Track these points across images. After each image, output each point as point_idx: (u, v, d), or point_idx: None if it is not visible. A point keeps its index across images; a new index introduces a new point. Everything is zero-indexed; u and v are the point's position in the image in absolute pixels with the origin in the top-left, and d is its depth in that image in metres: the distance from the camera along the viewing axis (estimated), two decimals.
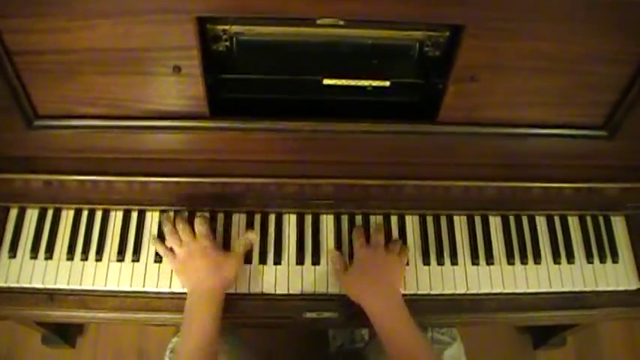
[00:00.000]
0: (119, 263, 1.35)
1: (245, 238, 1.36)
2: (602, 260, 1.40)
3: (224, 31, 1.15)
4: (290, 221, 1.41)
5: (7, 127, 1.23)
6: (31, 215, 1.39)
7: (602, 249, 1.41)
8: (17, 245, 1.36)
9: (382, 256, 1.32)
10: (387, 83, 1.25)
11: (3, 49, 1.09)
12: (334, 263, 1.34)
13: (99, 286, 1.33)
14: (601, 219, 1.44)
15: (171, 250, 1.34)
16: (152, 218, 1.40)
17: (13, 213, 1.39)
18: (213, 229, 1.38)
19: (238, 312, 1.33)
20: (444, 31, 1.15)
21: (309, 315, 1.33)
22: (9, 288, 1.33)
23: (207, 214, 1.39)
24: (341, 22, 1.12)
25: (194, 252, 1.30)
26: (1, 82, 1.13)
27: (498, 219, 1.43)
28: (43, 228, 1.38)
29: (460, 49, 1.11)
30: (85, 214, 1.39)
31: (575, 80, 1.19)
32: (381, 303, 1.24)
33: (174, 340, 1.46)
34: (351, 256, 1.37)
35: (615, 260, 1.40)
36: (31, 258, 1.35)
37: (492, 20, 1.05)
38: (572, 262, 1.40)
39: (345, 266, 1.33)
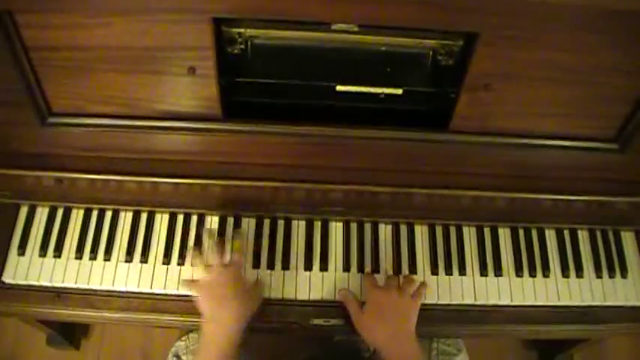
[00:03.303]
0: (127, 264, 1.36)
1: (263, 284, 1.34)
2: (611, 275, 1.39)
3: (239, 34, 1.16)
4: (299, 227, 1.41)
5: (20, 123, 1.24)
6: (41, 213, 1.39)
7: (612, 264, 1.41)
8: (26, 243, 1.36)
9: (396, 298, 1.26)
10: (400, 91, 1.25)
11: (20, 44, 1.10)
12: (345, 302, 1.32)
13: (106, 286, 1.34)
14: (611, 234, 1.44)
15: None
16: (161, 219, 1.40)
17: (24, 210, 1.39)
18: (222, 233, 1.39)
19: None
20: (457, 40, 1.16)
21: (316, 321, 1.33)
22: (17, 285, 1.33)
23: (243, 234, 1.37)
24: (355, 28, 1.13)
25: (221, 279, 1.23)
26: (16, 78, 1.14)
27: (508, 231, 1.43)
28: (52, 226, 1.38)
29: (474, 58, 1.11)
30: (94, 213, 1.40)
31: (588, 92, 1.19)
32: (397, 348, 1.21)
33: (178, 343, 1.46)
34: (359, 268, 1.37)
35: (624, 275, 1.40)
36: (40, 256, 1.35)
37: (507, 29, 1.06)
38: (581, 277, 1.39)
39: (358, 306, 1.29)
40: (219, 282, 1.23)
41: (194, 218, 1.40)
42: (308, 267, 1.36)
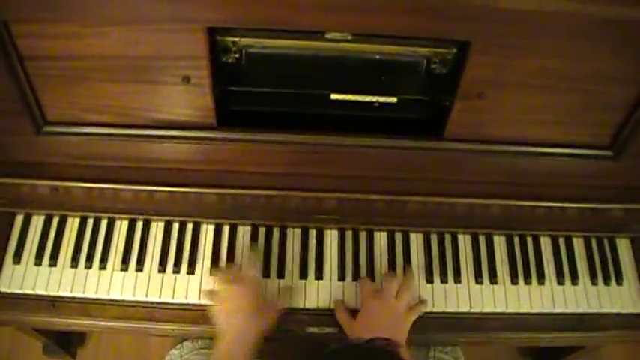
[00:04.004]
0: (123, 272, 1.35)
1: (287, 290, 1.34)
2: (607, 282, 1.39)
3: (234, 43, 1.16)
4: (294, 235, 1.41)
5: (16, 131, 1.24)
6: (37, 222, 1.39)
7: (607, 271, 1.40)
8: (22, 251, 1.36)
9: (393, 308, 1.27)
10: (394, 99, 1.25)
11: (15, 54, 1.10)
12: (336, 310, 1.32)
13: (102, 295, 1.33)
14: (606, 240, 1.44)
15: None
16: (157, 228, 1.40)
17: (19, 219, 1.39)
18: (218, 241, 1.39)
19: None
20: (451, 48, 1.16)
21: (311, 330, 1.33)
22: (12, 294, 1.33)
23: (259, 253, 1.38)
24: (349, 37, 1.13)
25: (240, 292, 1.26)
26: (12, 87, 1.14)
27: (503, 238, 1.43)
28: (48, 235, 1.38)
29: (467, 66, 1.11)
30: (90, 222, 1.40)
31: (582, 99, 1.19)
32: None
33: (172, 352, 1.46)
34: (355, 277, 1.37)
35: (619, 282, 1.40)
36: (36, 264, 1.35)
37: (500, 37, 1.06)
38: (576, 283, 1.39)
39: (349, 315, 1.29)
40: (238, 294, 1.25)
41: (189, 227, 1.40)
42: (303, 275, 1.36)
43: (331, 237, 1.41)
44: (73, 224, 1.40)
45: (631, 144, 1.25)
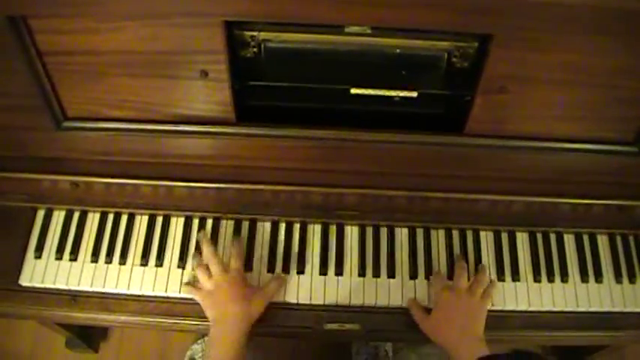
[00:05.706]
0: (142, 267, 1.36)
1: (277, 279, 1.34)
2: (632, 280, 1.37)
3: (252, 37, 1.15)
4: (314, 231, 1.41)
5: (36, 127, 1.24)
6: (58, 217, 1.40)
7: (632, 269, 1.38)
8: (43, 246, 1.37)
9: (467, 301, 1.29)
10: (415, 94, 1.23)
11: (34, 49, 1.10)
12: (412, 312, 1.32)
13: (121, 290, 1.34)
14: (631, 238, 1.41)
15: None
16: (177, 223, 1.40)
17: (40, 214, 1.40)
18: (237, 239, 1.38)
19: (259, 320, 1.32)
20: (472, 42, 1.14)
21: (330, 326, 1.32)
22: (33, 288, 1.34)
23: (242, 241, 1.38)
24: (369, 31, 1.12)
25: (222, 284, 1.28)
26: (32, 82, 1.14)
27: (526, 235, 1.42)
28: (69, 230, 1.39)
29: (488, 60, 1.10)
30: (110, 217, 1.40)
31: (605, 94, 1.17)
32: (467, 349, 1.21)
33: (194, 346, 1.46)
34: (375, 273, 1.36)
35: None
36: (56, 259, 1.36)
37: (521, 30, 1.04)
38: (601, 282, 1.37)
39: (423, 312, 1.30)
40: (221, 288, 1.27)
41: (209, 222, 1.40)
42: (323, 271, 1.36)
43: (352, 233, 1.41)
44: (93, 219, 1.41)
45: None
